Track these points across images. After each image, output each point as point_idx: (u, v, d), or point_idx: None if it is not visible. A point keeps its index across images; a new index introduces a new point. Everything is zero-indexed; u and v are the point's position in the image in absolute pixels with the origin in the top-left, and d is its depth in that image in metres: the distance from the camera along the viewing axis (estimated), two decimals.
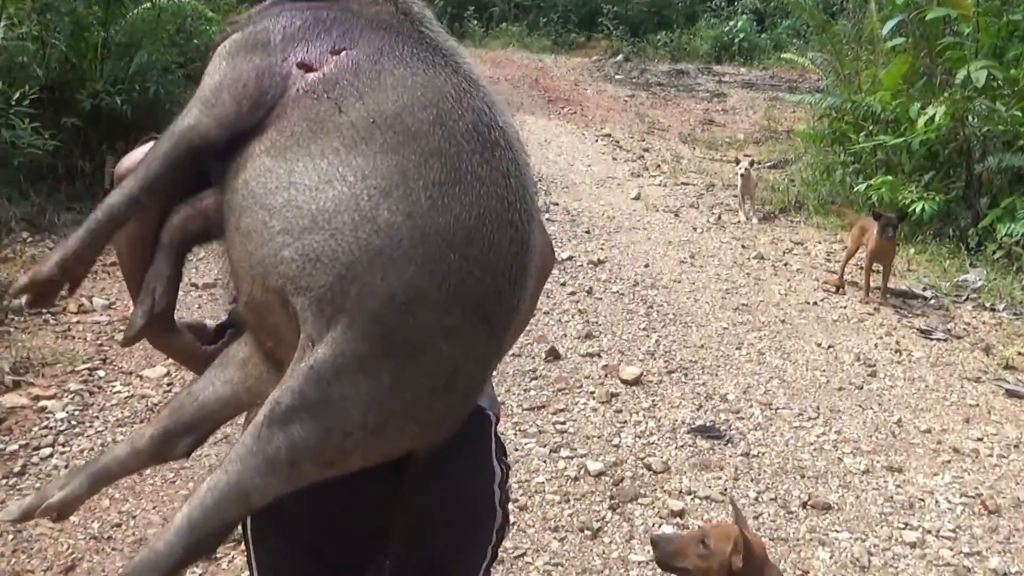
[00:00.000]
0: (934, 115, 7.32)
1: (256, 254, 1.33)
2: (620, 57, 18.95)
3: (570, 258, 6.49)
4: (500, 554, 3.24)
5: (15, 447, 3.78)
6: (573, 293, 5.82)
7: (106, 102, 7.85)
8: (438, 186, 1.30)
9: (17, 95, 6.94)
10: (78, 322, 5.33)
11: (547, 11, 22.31)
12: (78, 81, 8.07)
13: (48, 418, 4.07)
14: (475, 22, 22.85)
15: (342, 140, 1.33)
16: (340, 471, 1.34)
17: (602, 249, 6.77)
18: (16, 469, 3.61)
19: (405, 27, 1.51)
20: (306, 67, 1.44)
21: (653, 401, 4.35)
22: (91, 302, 5.62)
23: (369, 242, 1.26)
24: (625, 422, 4.13)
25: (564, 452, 3.84)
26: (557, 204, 7.97)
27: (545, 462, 3.76)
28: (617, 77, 17.04)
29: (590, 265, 6.38)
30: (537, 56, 19.52)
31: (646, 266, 6.41)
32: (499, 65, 18.14)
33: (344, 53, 1.45)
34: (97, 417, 4.10)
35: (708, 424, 4.13)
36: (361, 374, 1.26)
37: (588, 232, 7.19)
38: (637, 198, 8.29)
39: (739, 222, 7.73)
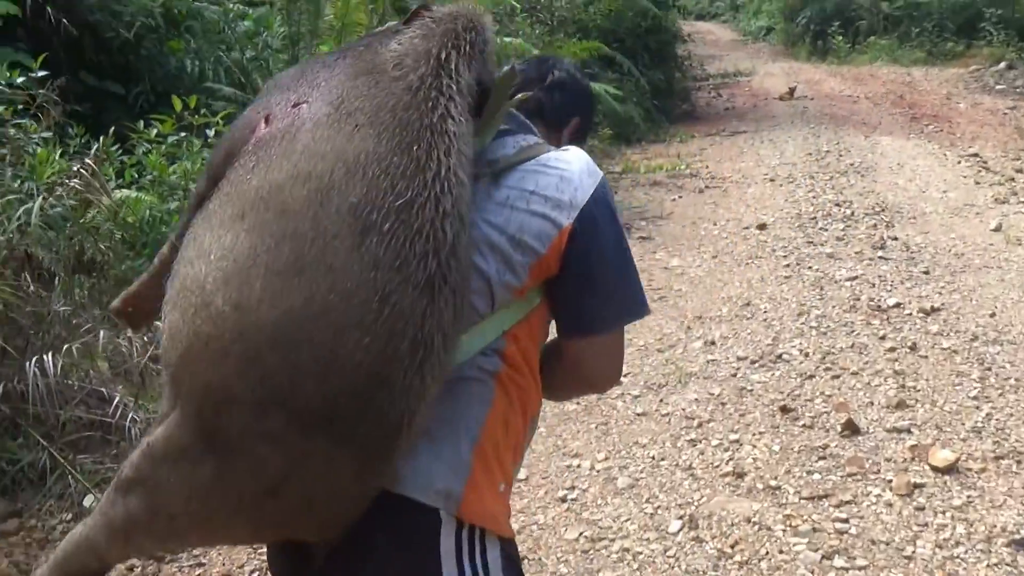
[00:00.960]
0: None
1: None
2: (1003, 65, 16.90)
3: (897, 305, 5.63)
4: None
5: None
6: (892, 349, 4.99)
7: None
8: (278, 275, 1.19)
9: None
10: None
11: (920, 20, 20.45)
12: None
13: None
14: (840, 38, 21.55)
15: (232, 211, 1.26)
16: (182, 548, 1.56)
17: (940, 293, 5.82)
18: None
19: (397, 73, 1.34)
20: (267, 120, 1.35)
21: (968, 497, 3.52)
22: None
23: (200, 329, 1.20)
24: (925, 525, 3.36)
25: (839, 560, 3.17)
26: (896, 239, 7.05)
27: (812, 572, 3.13)
28: (998, 87, 15.19)
29: (920, 314, 5.47)
30: (906, 70, 17.96)
31: (992, 315, 5.40)
32: (861, 82, 16.90)
33: (301, 106, 1.33)
34: None
35: None
36: (184, 461, 1.25)
37: (927, 272, 6.24)
38: (997, 229, 7.12)
39: None
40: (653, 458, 4.06)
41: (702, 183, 9.89)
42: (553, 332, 1.57)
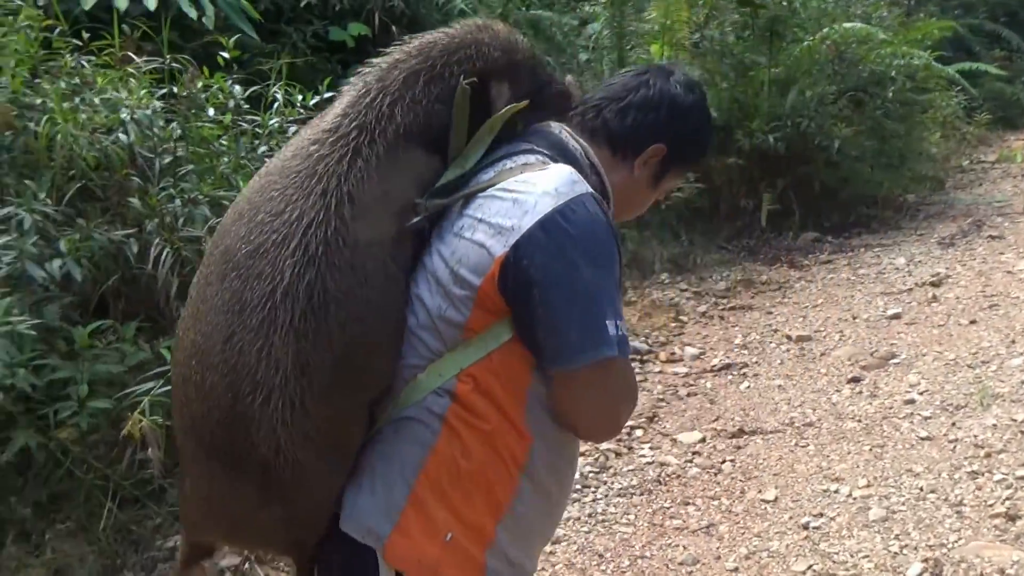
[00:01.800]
0: None
1: None
2: None
3: None
4: None
5: None
6: None
7: (760, 140, 7.84)
8: (188, 318, 1.35)
9: None
10: (659, 371, 5.37)
11: None
12: (746, 120, 8.17)
13: None
14: None
15: None
16: (215, 544, 1.62)
17: None
18: None
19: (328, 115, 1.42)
20: None
21: None
22: (682, 350, 5.62)
23: None
24: None
25: None
26: None
27: None
28: None
29: None
30: None
31: None
32: None
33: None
34: (604, 482, 4.06)
35: None
36: (181, 473, 1.46)
37: None
38: None
39: None
40: (921, 489, 3.69)
41: None
42: None
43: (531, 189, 1.35)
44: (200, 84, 4.43)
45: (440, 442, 1.38)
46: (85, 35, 4.36)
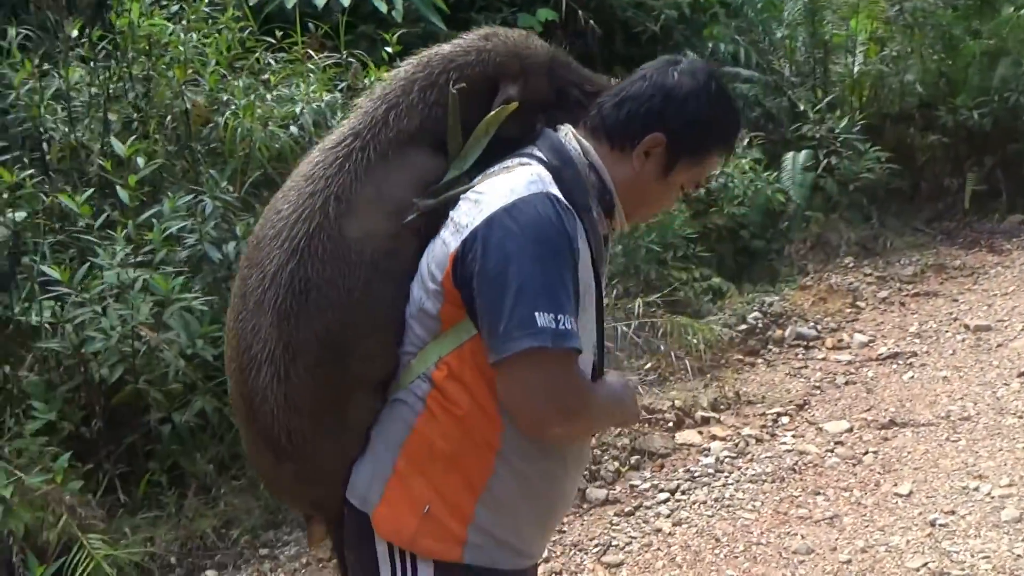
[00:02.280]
0: None
1: None
2: None
3: None
4: None
5: (646, 486, 3.98)
6: None
7: (965, 116, 7.45)
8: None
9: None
10: (822, 358, 5.30)
11: None
12: (951, 96, 7.78)
13: (700, 460, 4.20)
14: None
15: None
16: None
17: None
18: (627, 509, 3.81)
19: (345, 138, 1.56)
20: None
21: None
22: (851, 337, 5.51)
23: None
24: None
25: None
26: None
27: None
28: None
29: None
30: None
31: None
32: None
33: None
34: (739, 468, 4.10)
35: None
36: None
37: None
38: None
39: None
40: None
41: None
42: None
43: (491, 190, 1.44)
44: (372, 77, 4.76)
45: (420, 422, 1.50)
46: (278, 34, 4.79)
